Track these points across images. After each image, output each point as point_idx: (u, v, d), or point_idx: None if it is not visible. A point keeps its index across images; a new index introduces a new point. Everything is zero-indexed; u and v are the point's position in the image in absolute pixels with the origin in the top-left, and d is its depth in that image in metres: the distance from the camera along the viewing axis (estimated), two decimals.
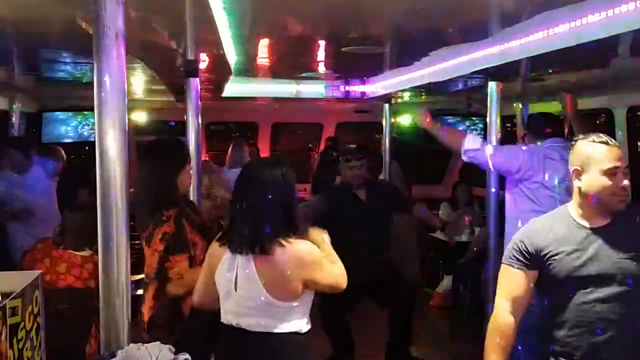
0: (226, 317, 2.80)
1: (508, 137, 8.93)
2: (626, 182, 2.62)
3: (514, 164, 4.16)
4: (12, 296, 1.82)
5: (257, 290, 2.67)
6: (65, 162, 7.07)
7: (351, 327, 5.37)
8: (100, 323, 2.08)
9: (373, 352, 5.47)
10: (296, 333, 2.74)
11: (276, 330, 2.70)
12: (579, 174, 2.69)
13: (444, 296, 7.66)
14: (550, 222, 2.76)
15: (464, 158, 4.31)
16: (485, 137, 4.86)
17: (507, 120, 8.31)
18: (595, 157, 2.64)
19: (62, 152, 7.48)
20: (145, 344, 2.01)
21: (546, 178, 4.07)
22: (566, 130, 8.43)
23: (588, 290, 2.62)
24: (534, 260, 2.71)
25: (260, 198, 2.71)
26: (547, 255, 2.68)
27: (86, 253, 4.08)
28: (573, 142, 2.79)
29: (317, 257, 2.75)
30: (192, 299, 3.05)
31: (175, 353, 2.34)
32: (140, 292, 4.46)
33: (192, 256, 3.23)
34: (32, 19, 3.29)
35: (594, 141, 2.67)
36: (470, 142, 4.30)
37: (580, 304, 2.64)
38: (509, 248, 2.81)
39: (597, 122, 7.39)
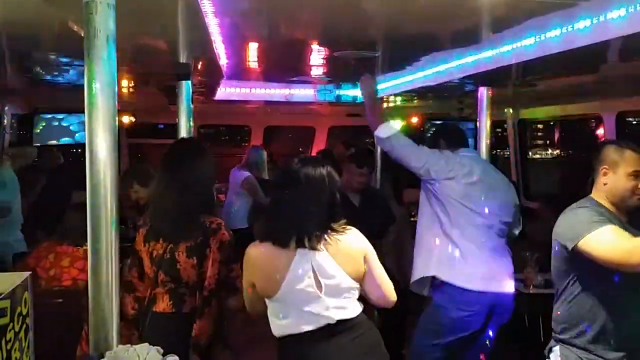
0: (314, 322, 2.78)
1: (499, 142, 9.01)
2: None
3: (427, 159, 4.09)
4: (0, 297, 1.82)
5: (341, 278, 2.78)
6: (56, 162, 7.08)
7: None
8: (90, 324, 2.09)
9: None
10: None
11: (354, 315, 2.83)
12: (606, 173, 3.10)
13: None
14: (600, 213, 3.01)
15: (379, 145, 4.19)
16: (475, 141, 4.87)
17: (497, 125, 8.36)
18: (622, 160, 3.05)
19: (59, 153, 7.50)
20: (134, 345, 2.01)
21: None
22: (556, 136, 8.44)
23: (624, 275, 2.89)
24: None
25: (311, 194, 2.80)
26: None
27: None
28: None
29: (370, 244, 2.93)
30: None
31: None
32: None
33: None
34: (24, 21, 3.30)
35: (621, 146, 3.09)
36: (382, 130, 4.18)
37: (611, 290, 2.95)
38: (590, 216, 2.97)
39: (588, 127, 7.44)
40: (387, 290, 2.94)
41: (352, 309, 2.82)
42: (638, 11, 2.68)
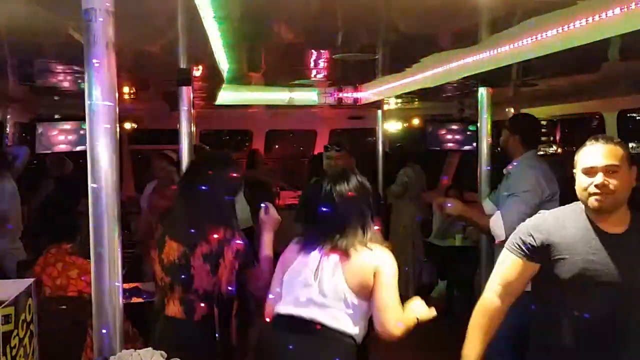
0: (286, 308, 2.90)
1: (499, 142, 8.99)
2: (601, 180, 2.53)
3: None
4: (5, 304, 1.83)
5: (338, 279, 2.85)
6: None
7: None
8: (93, 329, 2.09)
9: None
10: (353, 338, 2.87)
11: (342, 328, 2.83)
12: (574, 174, 2.69)
13: (438, 301, 7.68)
14: (564, 219, 2.69)
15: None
16: (477, 142, 4.88)
17: (499, 125, 8.35)
18: (580, 156, 2.63)
19: (69, 161, 7.51)
20: (138, 350, 2.02)
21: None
22: (557, 136, 8.43)
23: (591, 295, 2.57)
24: (537, 254, 2.66)
25: (344, 205, 2.96)
26: (554, 253, 2.62)
27: None
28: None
29: (393, 267, 2.91)
30: None
31: None
32: (135, 299, 4.50)
33: None
34: (24, 29, 3.31)
35: (587, 141, 2.65)
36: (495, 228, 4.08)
37: (581, 309, 2.58)
38: (515, 235, 2.76)
39: (589, 126, 7.44)
40: (386, 318, 2.83)
41: (337, 319, 2.83)
42: (635, 9, 2.68)
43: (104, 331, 2.08)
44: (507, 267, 2.74)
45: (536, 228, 2.70)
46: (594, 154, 2.58)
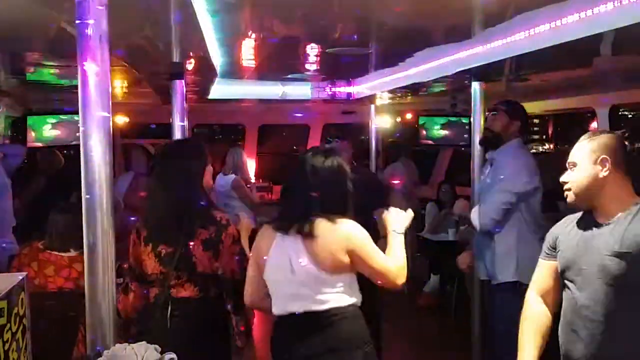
0: (285, 307, 2.86)
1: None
2: (562, 177, 2.68)
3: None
4: None
5: (309, 266, 2.78)
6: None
7: None
8: (87, 324, 2.09)
9: None
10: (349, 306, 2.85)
11: (325, 307, 2.80)
12: None
13: (431, 296, 7.70)
14: (573, 217, 2.78)
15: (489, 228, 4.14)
16: (470, 137, 4.87)
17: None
18: None
19: (60, 155, 7.45)
20: (132, 344, 2.02)
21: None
22: (550, 131, 8.44)
23: (575, 286, 2.62)
24: (554, 253, 2.78)
25: (314, 183, 2.85)
26: (558, 248, 2.75)
27: (72, 253, 4.07)
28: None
29: (364, 235, 2.84)
30: None
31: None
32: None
33: None
34: (16, 22, 3.29)
35: None
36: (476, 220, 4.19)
37: (568, 299, 2.67)
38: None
39: (582, 121, 7.46)
40: (389, 277, 2.86)
41: (328, 302, 2.80)
42: (627, 4, 2.69)
43: (97, 326, 2.08)
44: (538, 273, 2.88)
45: (552, 230, 2.85)
46: (570, 153, 2.71)
